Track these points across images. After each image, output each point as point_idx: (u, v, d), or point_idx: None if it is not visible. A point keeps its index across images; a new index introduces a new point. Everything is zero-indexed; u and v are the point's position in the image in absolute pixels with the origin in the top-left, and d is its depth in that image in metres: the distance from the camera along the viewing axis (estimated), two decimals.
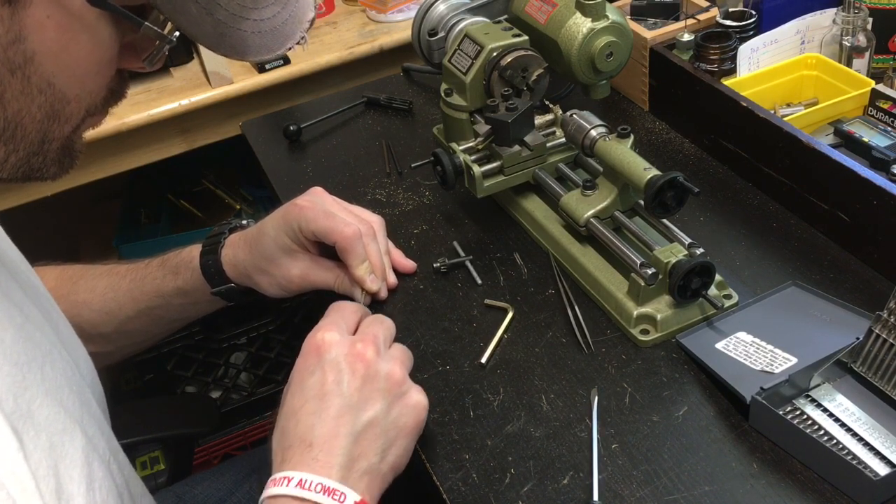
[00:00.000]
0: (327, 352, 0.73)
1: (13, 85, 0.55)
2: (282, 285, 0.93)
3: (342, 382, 0.71)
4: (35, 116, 0.57)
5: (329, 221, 0.89)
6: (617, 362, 0.85)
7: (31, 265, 0.80)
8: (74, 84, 0.58)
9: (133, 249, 1.79)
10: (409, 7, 1.58)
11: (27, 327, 0.66)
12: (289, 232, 0.91)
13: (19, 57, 0.54)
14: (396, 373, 0.73)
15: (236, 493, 1.11)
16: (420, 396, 0.74)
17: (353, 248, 0.89)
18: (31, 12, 0.53)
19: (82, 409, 0.69)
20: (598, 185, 0.94)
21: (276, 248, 0.92)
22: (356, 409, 0.70)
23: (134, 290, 0.97)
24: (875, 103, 1.03)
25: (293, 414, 0.71)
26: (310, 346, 0.74)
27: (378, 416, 0.71)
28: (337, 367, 0.72)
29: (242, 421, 1.84)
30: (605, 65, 1.01)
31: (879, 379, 0.76)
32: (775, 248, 0.96)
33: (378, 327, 0.77)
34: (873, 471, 0.70)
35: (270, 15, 0.62)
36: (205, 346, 1.75)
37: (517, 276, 0.97)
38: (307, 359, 0.74)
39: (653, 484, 0.73)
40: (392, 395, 0.72)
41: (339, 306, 0.79)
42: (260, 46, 0.63)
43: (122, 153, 1.48)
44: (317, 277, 0.93)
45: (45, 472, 0.58)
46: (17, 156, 0.58)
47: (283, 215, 0.92)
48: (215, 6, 0.59)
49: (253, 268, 0.93)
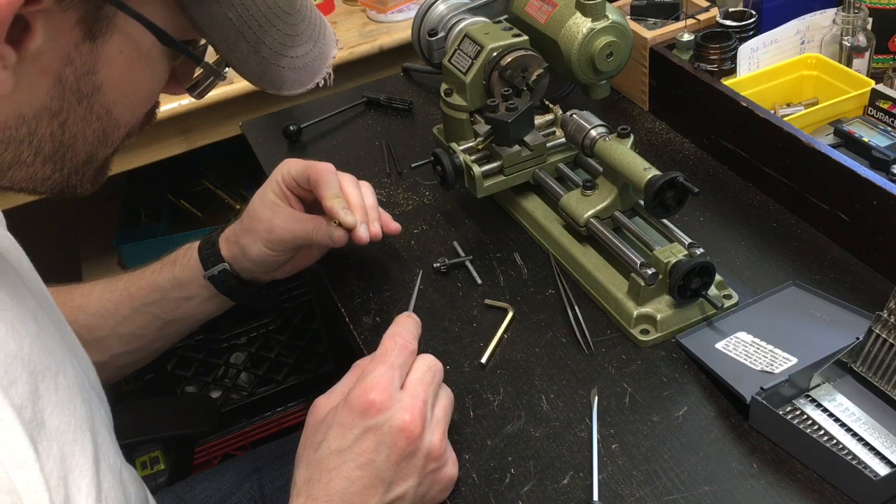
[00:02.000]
0: (374, 416, 0.70)
1: (77, 112, 0.57)
2: (267, 240, 0.94)
3: (381, 453, 0.69)
4: (88, 140, 0.59)
5: (307, 163, 0.94)
6: (617, 362, 0.85)
7: None
8: (128, 112, 0.62)
9: (133, 249, 1.78)
10: (409, 7, 1.58)
11: (42, 336, 0.66)
12: (272, 187, 0.95)
13: (88, 87, 0.56)
14: (436, 447, 0.72)
15: (236, 493, 1.11)
16: (453, 470, 0.74)
17: (325, 180, 0.91)
18: (108, 48, 0.56)
19: (93, 418, 0.69)
20: (598, 185, 0.94)
21: (261, 205, 0.95)
22: (388, 483, 0.70)
23: (130, 287, 0.98)
24: (875, 103, 1.03)
25: (326, 469, 0.70)
26: (358, 400, 0.71)
27: (408, 491, 0.71)
28: (380, 437, 0.69)
29: (242, 421, 1.84)
30: (605, 65, 1.01)
31: (879, 379, 0.76)
32: (775, 248, 0.96)
33: (429, 380, 0.74)
34: (873, 471, 0.70)
35: (304, 52, 0.67)
36: (205, 346, 1.75)
37: (517, 276, 0.97)
38: (352, 413, 0.71)
39: (653, 484, 0.74)
40: (427, 470, 0.71)
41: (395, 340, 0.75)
42: (294, 81, 0.67)
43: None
44: (298, 227, 0.94)
45: (56, 482, 0.58)
46: (60, 174, 0.60)
47: (274, 175, 0.96)
48: (261, 45, 0.63)
49: (241, 231, 0.96)
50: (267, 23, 0.62)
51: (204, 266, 0.97)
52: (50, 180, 0.60)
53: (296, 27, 0.65)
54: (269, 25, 0.63)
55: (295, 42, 0.66)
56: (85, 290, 0.98)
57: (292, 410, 1.85)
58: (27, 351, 0.62)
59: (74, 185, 0.62)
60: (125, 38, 0.56)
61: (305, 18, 0.66)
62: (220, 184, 1.98)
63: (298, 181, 0.94)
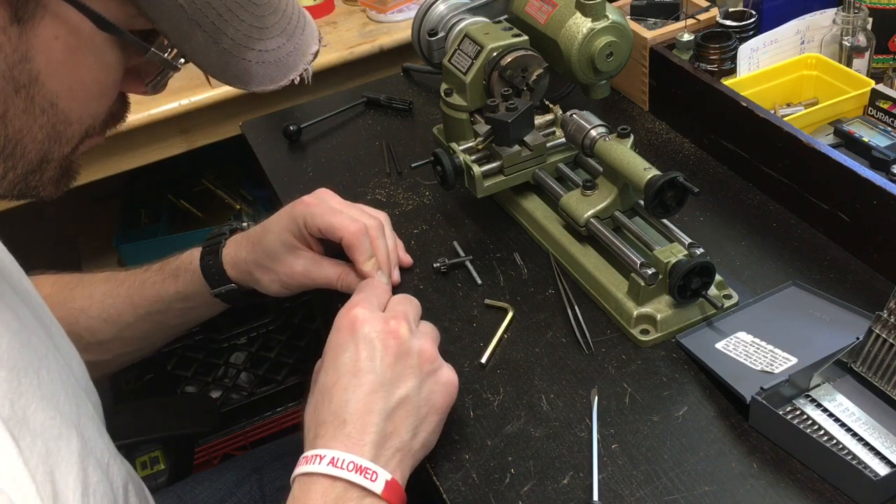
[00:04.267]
0: (360, 328, 0.72)
1: (16, 103, 0.55)
2: (283, 282, 0.93)
3: (375, 359, 0.71)
4: (36, 136, 0.57)
5: (335, 217, 0.89)
6: (617, 362, 0.85)
7: (24, 272, 0.79)
8: (77, 106, 0.58)
9: (133, 249, 1.78)
10: (409, 7, 1.58)
11: (23, 332, 0.66)
12: (293, 229, 0.91)
13: (24, 76, 0.54)
14: (428, 349, 0.74)
15: (236, 493, 1.10)
16: (451, 374, 0.75)
17: (359, 244, 0.89)
18: (40, 32, 0.53)
19: (78, 412, 0.68)
20: (598, 185, 0.94)
21: (280, 245, 0.91)
22: (389, 386, 0.70)
23: (133, 296, 0.96)
24: (875, 103, 1.03)
25: (326, 391, 0.71)
26: (343, 323, 0.74)
27: (410, 392, 0.71)
28: (370, 343, 0.72)
29: (242, 421, 1.84)
30: (605, 65, 1.01)
31: (879, 379, 0.76)
32: (775, 248, 0.96)
33: (408, 305, 0.77)
34: (873, 471, 0.70)
35: (275, 46, 0.62)
36: (205, 346, 1.75)
37: (517, 276, 0.97)
38: (340, 335, 0.73)
39: (653, 484, 0.74)
40: (424, 371, 0.73)
41: (370, 283, 0.80)
42: (263, 77, 0.62)
43: (121, 153, 1.48)
44: (319, 274, 0.92)
45: (43, 477, 0.58)
46: (14, 173, 0.58)
47: (288, 212, 0.92)
48: (221, 35, 0.59)
49: (255, 265, 0.93)
50: (228, 12, 0.58)
51: (209, 284, 0.95)
52: (5, 180, 0.58)
53: (264, 19, 0.61)
54: (231, 15, 0.58)
55: (264, 35, 0.61)
56: (86, 293, 0.97)
57: (292, 410, 1.85)
58: (5, 347, 0.61)
59: (35, 185, 0.60)
60: (60, 23, 0.53)
61: (278, 10, 0.62)
62: (220, 184, 1.98)
63: (325, 233, 0.90)
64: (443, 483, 0.77)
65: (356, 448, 0.67)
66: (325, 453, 0.67)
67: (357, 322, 0.73)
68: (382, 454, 0.68)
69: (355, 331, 0.73)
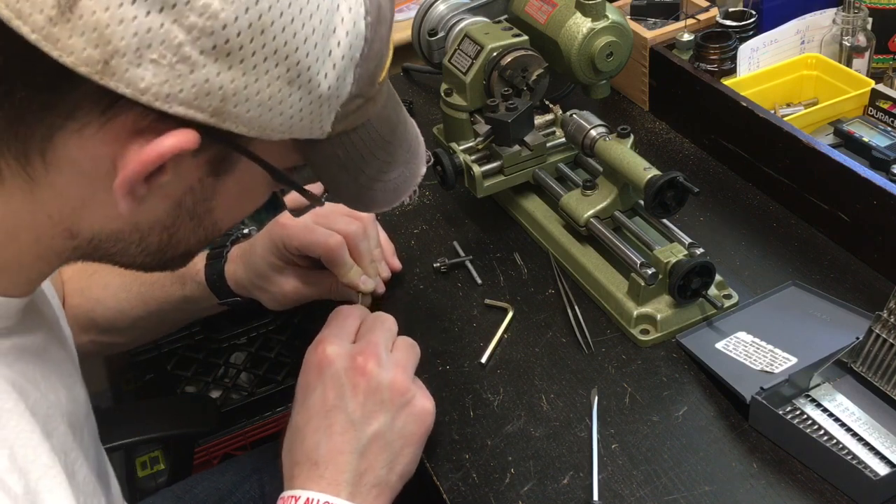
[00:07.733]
0: (328, 367, 0.72)
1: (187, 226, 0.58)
2: (278, 301, 0.94)
3: (345, 397, 0.71)
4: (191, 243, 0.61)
5: (310, 235, 0.90)
6: (617, 362, 0.85)
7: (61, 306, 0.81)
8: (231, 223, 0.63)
9: None
10: (409, 7, 1.58)
11: (75, 388, 0.67)
12: (275, 251, 0.92)
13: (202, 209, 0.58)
14: (399, 381, 0.73)
15: (236, 493, 1.10)
16: (425, 402, 0.74)
17: (337, 258, 0.89)
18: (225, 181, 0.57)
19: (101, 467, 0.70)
20: (598, 185, 0.94)
21: (267, 267, 0.92)
22: (360, 424, 0.70)
23: (144, 294, 0.98)
24: (875, 103, 1.03)
25: (299, 430, 0.72)
26: (311, 363, 0.74)
27: (382, 428, 0.71)
28: (338, 382, 0.72)
29: (242, 421, 1.83)
30: (605, 65, 1.01)
31: (879, 379, 0.76)
32: (775, 248, 0.96)
33: (378, 332, 0.76)
34: (873, 471, 0.70)
35: (397, 175, 0.66)
36: (205, 346, 1.75)
37: (517, 276, 0.97)
38: (309, 375, 0.73)
39: (653, 484, 0.73)
40: (396, 405, 0.72)
41: (338, 313, 0.79)
42: (383, 201, 0.67)
43: None
44: (310, 290, 0.93)
45: None
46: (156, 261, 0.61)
47: (269, 235, 0.93)
48: (360, 174, 0.63)
49: (251, 285, 0.94)
50: (369, 154, 0.62)
51: (217, 295, 0.96)
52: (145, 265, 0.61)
53: (394, 154, 0.64)
54: (371, 156, 0.62)
55: (391, 168, 0.65)
56: (103, 282, 0.98)
57: None
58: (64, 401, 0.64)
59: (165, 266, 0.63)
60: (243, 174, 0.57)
61: (404, 143, 0.66)
62: None
63: (304, 252, 0.91)
64: (443, 483, 0.77)
65: (331, 488, 0.68)
66: (300, 494, 0.68)
67: (325, 360, 0.73)
68: (359, 492, 0.69)
69: (322, 370, 0.72)
